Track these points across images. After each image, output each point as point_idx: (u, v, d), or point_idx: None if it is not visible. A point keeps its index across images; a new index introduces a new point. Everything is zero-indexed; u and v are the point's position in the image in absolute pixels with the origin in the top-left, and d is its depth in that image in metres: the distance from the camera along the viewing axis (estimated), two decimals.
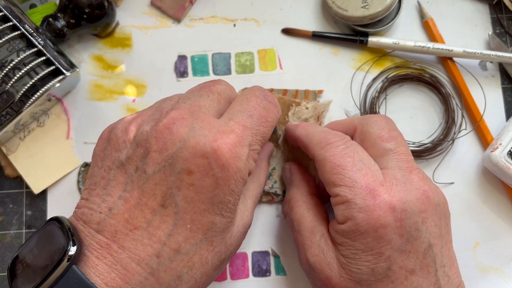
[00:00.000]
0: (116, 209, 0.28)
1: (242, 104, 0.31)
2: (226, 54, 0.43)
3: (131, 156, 0.29)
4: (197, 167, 0.27)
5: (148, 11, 0.44)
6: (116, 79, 0.43)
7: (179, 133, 0.28)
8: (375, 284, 0.30)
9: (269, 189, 0.40)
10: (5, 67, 0.37)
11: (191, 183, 0.28)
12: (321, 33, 0.43)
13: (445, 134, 0.41)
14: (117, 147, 0.29)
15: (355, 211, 0.30)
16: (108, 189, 0.29)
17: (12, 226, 0.41)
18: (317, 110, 0.40)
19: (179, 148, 0.28)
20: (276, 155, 0.40)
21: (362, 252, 0.30)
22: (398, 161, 0.32)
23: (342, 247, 0.31)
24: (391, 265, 0.29)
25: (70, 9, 0.40)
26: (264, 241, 0.40)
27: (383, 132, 0.34)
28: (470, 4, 0.44)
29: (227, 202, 0.29)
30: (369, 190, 0.30)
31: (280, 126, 0.40)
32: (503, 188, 0.41)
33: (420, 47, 0.41)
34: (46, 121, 0.41)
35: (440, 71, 0.42)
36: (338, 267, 0.31)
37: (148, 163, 0.28)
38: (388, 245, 0.29)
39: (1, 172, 0.41)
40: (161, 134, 0.28)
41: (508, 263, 0.40)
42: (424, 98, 0.42)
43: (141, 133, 0.29)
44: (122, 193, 0.28)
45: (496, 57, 0.41)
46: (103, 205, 0.28)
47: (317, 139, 0.34)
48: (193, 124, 0.29)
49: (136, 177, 0.28)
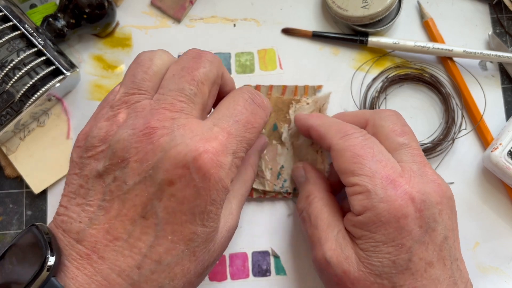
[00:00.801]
0: (96, 220, 0.27)
1: (229, 108, 0.30)
2: (226, 54, 0.43)
3: (109, 166, 0.28)
4: (178, 177, 0.27)
5: (148, 11, 0.44)
6: (116, 79, 0.43)
7: (160, 142, 0.27)
8: (396, 277, 0.29)
9: (280, 189, 0.39)
10: (5, 67, 0.37)
11: (172, 193, 0.27)
12: (321, 33, 0.43)
13: (445, 134, 0.41)
14: (95, 157, 0.28)
15: (376, 201, 0.29)
16: (87, 199, 0.28)
17: (12, 226, 0.41)
18: (318, 103, 0.40)
19: (160, 158, 0.27)
20: (283, 153, 0.40)
21: (383, 244, 0.29)
22: (412, 155, 0.32)
23: (360, 241, 0.30)
24: (411, 257, 0.29)
25: (70, 9, 0.40)
26: (264, 241, 0.40)
27: (396, 127, 0.33)
28: (470, 4, 0.44)
29: (208, 212, 0.28)
30: (390, 180, 0.30)
31: (281, 124, 0.40)
32: (503, 188, 0.41)
33: (420, 47, 0.41)
34: (46, 121, 0.41)
35: (440, 71, 0.42)
36: (357, 261, 0.30)
37: (128, 174, 0.27)
38: (409, 235, 0.29)
39: (1, 172, 0.41)
40: (141, 144, 0.27)
41: (508, 263, 0.40)
42: (424, 98, 0.42)
43: (118, 141, 0.28)
44: (101, 203, 0.27)
45: (496, 57, 0.41)
46: (83, 215, 0.27)
47: (335, 129, 0.33)
48: (174, 131, 0.27)
49: (115, 187, 0.27)
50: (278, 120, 0.40)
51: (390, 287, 0.30)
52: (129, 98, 0.29)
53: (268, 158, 0.40)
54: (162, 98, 0.29)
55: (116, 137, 0.28)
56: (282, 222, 0.40)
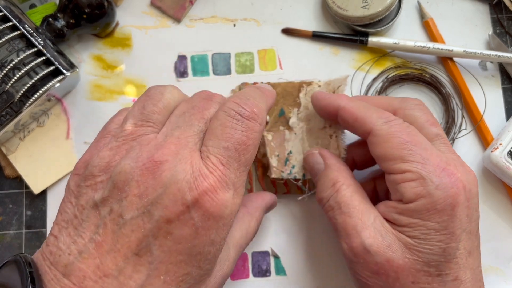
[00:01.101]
0: (86, 253, 0.26)
1: (217, 133, 0.28)
2: (226, 54, 0.43)
3: (107, 198, 0.27)
4: (177, 215, 0.26)
5: (148, 11, 0.44)
6: (116, 79, 0.43)
7: (162, 178, 0.26)
8: (443, 265, 0.29)
9: (288, 176, 0.38)
10: (5, 67, 0.37)
11: (169, 231, 0.26)
12: (321, 33, 0.43)
13: (445, 134, 0.41)
14: (94, 186, 0.27)
15: (432, 188, 0.29)
16: (79, 230, 0.27)
17: (11, 226, 0.41)
18: (331, 85, 0.38)
19: (160, 194, 0.26)
20: (290, 138, 0.38)
21: (436, 231, 0.29)
22: (447, 145, 0.32)
23: (408, 228, 0.30)
24: (459, 246, 0.29)
25: (70, 9, 0.40)
26: (264, 241, 0.40)
27: (428, 117, 0.33)
28: (470, 4, 0.44)
29: (206, 253, 0.27)
30: (442, 168, 0.30)
31: (289, 109, 0.39)
32: (503, 188, 0.41)
33: (420, 47, 0.41)
34: (46, 121, 0.41)
35: (440, 71, 0.42)
36: (402, 249, 0.30)
37: (126, 207, 0.26)
38: (460, 224, 0.29)
39: (1, 172, 0.41)
40: (143, 178, 0.26)
41: (508, 263, 0.40)
42: (424, 98, 0.42)
43: (120, 173, 0.27)
44: (94, 235, 0.26)
45: (496, 57, 0.41)
46: (73, 247, 0.26)
47: (376, 114, 0.32)
48: (176, 166, 0.26)
49: (110, 220, 0.26)
50: (286, 105, 0.39)
51: (436, 275, 0.29)
52: (136, 130, 0.29)
53: (274, 145, 0.38)
54: (169, 133, 0.28)
55: (118, 168, 0.27)
56: (282, 222, 0.40)
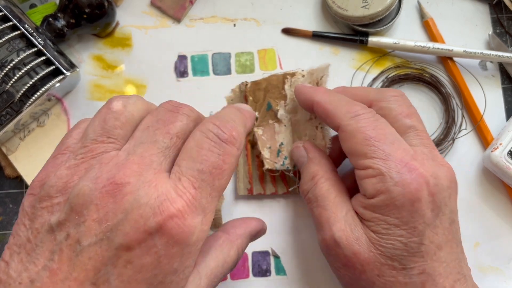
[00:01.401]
0: (39, 282, 0.24)
1: (192, 155, 0.26)
2: (226, 54, 0.43)
3: (64, 221, 0.25)
4: (138, 243, 0.24)
5: (148, 11, 0.44)
6: (116, 79, 0.43)
7: (123, 202, 0.24)
8: (406, 259, 0.29)
9: (281, 167, 0.38)
10: (5, 67, 0.37)
11: (129, 260, 0.24)
12: (321, 33, 0.43)
13: (445, 134, 0.41)
14: (50, 208, 0.25)
15: (391, 184, 0.29)
16: (32, 256, 0.25)
17: (12, 226, 0.41)
18: (314, 75, 0.39)
19: (121, 220, 0.24)
20: (280, 130, 0.39)
21: (396, 226, 0.29)
22: (421, 138, 0.32)
23: (371, 223, 0.30)
24: (423, 240, 0.29)
25: (70, 9, 0.40)
26: (264, 241, 0.40)
27: (403, 108, 0.33)
28: (470, 4, 0.44)
29: (168, 282, 0.25)
30: (404, 163, 0.30)
31: (276, 102, 0.39)
32: (503, 188, 0.41)
33: (420, 47, 0.41)
34: (46, 121, 0.41)
35: (440, 71, 0.42)
36: (367, 243, 0.30)
37: (84, 233, 0.24)
38: (422, 219, 0.29)
39: (1, 172, 0.41)
40: (103, 202, 0.24)
41: (508, 263, 0.40)
42: (424, 98, 0.42)
43: (78, 195, 0.25)
44: (48, 262, 0.24)
45: (496, 57, 0.41)
46: (24, 275, 0.24)
47: (344, 109, 0.32)
48: (139, 190, 0.24)
49: (66, 246, 0.24)
50: (272, 98, 0.39)
51: (400, 269, 0.30)
52: (96, 147, 0.26)
53: (265, 138, 0.39)
54: (132, 151, 0.26)
55: (76, 190, 0.25)
56: (282, 222, 0.40)
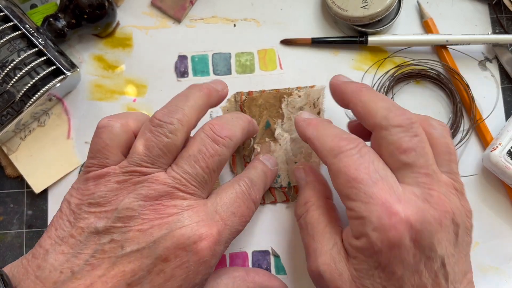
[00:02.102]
0: (79, 274, 0.26)
1: (230, 199, 0.32)
2: (226, 54, 0.43)
3: (110, 228, 0.28)
4: (175, 257, 0.28)
5: (149, 12, 0.44)
6: (117, 79, 0.43)
7: (168, 220, 0.28)
8: None
9: (274, 185, 0.40)
10: (6, 67, 0.37)
11: (163, 269, 0.28)
12: (320, 39, 0.43)
13: (454, 128, 0.41)
14: (97, 214, 0.28)
15: (370, 229, 0.28)
16: (75, 250, 0.27)
17: (12, 226, 0.41)
18: (310, 96, 0.40)
19: (164, 235, 0.28)
20: (275, 149, 0.40)
21: (375, 269, 0.29)
22: (417, 176, 0.29)
23: (355, 261, 0.30)
24: (403, 284, 0.28)
25: (71, 9, 0.40)
26: (264, 241, 0.40)
27: (402, 142, 0.30)
28: (470, 4, 0.44)
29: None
30: (385, 207, 0.28)
31: (274, 120, 0.40)
32: (503, 188, 0.41)
33: (418, 40, 0.42)
34: (46, 121, 0.42)
35: (440, 71, 0.42)
36: (350, 280, 0.30)
37: (128, 240, 0.28)
38: (401, 264, 0.28)
39: (2, 172, 0.41)
40: (149, 217, 0.28)
41: (508, 263, 0.40)
42: (429, 95, 0.42)
43: (127, 208, 0.28)
44: (89, 258, 0.27)
45: (493, 39, 0.41)
46: (66, 265, 0.27)
47: (329, 146, 0.31)
48: (184, 212, 0.29)
49: (109, 248, 0.27)
50: (271, 116, 0.40)
51: None
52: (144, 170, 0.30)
53: None
54: (177, 177, 0.30)
55: (125, 203, 0.28)
56: (282, 222, 0.40)
